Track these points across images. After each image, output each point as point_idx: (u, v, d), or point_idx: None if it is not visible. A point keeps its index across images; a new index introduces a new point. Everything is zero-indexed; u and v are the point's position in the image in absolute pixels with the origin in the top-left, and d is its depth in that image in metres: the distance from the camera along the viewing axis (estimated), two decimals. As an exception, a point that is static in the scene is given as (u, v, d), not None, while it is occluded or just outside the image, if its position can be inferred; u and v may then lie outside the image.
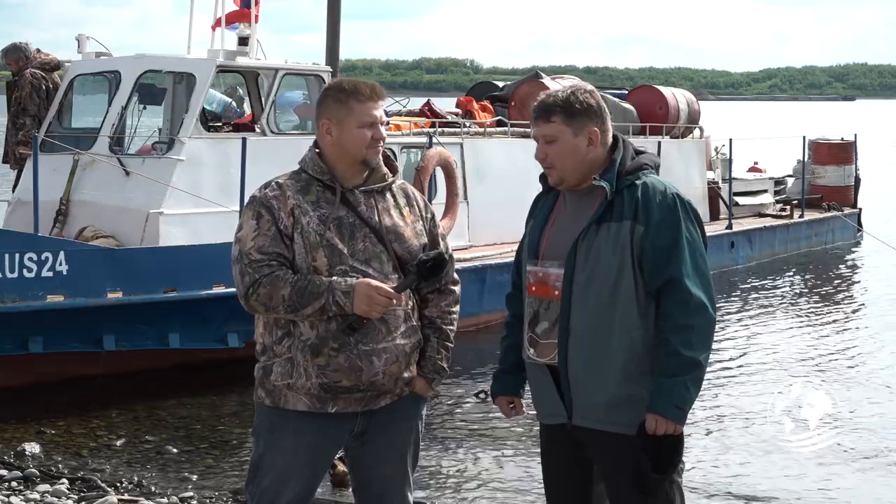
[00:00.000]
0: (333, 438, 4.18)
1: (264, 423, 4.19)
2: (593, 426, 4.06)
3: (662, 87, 19.59)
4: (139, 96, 12.18)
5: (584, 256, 4.02)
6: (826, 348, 12.86)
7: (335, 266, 4.04)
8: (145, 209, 11.16)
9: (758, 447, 8.89)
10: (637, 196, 4.03)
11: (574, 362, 4.03)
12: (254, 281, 4.01)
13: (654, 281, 3.99)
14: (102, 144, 11.87)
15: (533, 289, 4.12)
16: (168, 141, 11.88)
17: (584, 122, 4.09)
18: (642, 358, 4.01)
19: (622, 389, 4.00)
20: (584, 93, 4.12)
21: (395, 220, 4.19)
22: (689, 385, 3.94)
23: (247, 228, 4.08)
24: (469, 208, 13.93)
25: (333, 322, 4.02)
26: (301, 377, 4.05)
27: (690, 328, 3.95)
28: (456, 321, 4.34)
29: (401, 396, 4.19)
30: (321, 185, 4.14)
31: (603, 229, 4.02)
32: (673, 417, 3.94)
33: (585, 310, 4.01)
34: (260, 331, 4.18)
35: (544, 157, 4.11)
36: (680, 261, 3.98)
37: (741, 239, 18.63)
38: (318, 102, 4.24)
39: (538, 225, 4.20)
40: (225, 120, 12.70)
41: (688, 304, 3.96)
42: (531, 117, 4.19)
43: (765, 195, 21.04)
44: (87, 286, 9.92)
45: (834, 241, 21.46)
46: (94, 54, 12.75)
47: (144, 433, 9.06)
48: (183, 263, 10.41)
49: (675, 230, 4.00)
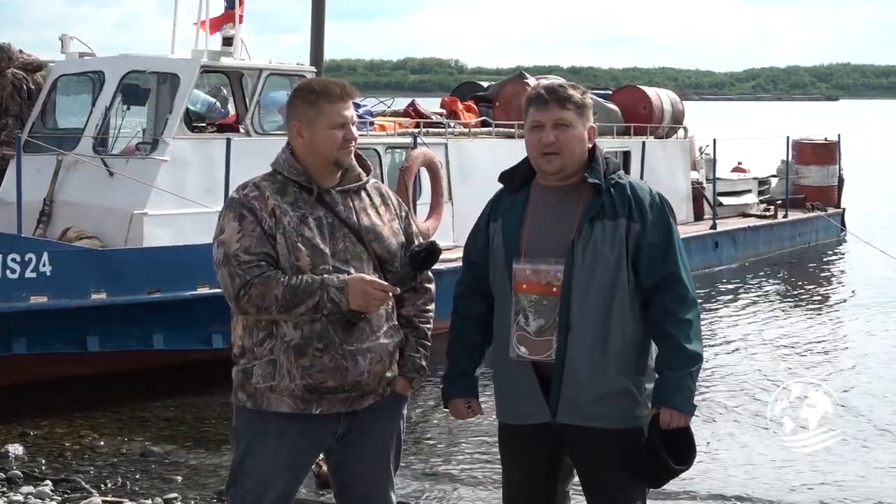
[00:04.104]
0: (316, 440, 4.15)
1: (245, 425, 4.15)
2: (580, 423, 4.07)
3: (646, 88, 19.60)
4: (123, 96, 12.15)
5: (583, 253, 4.05)
6: (810, 347, 12.88)
7: (318, 266, 4.02)
8: (129, 210, 11.12)
9: (743, 446, 8.90)
10: (628, 195, 4.10)
11: (573, 358, 4.04)
12: (245, 282, 3.97)
13: (650, 278, 4.07)
14: (86, 145, 11.83)
15: (524, 286, 4.11)
16: (152, 141, 11.85)
17: (589, 115, 4.18)
18: (632, 352, 4.09)
19: (615, 384, 4.06)
20: (584, 89, 4.22)
21: (373, 219, 4.18)
22: (694, 377, 4.07)
23: (229, 230, 4.03)
24: (454, 208, 13.93)
25: (318, 322, 4.00)
26: (284, 379, 4.02)
27: (689, 322, 4.06)
28: (432, 319, 4.33)
29: (383, 397, 4.18)
30: (297, 186, 4.11)
31: (598, 227, 4.06)
32: (686, 409, 4.04)
33: (586, 305, 4.04)
34: (239, 333, 4.13)
35: (554, 141, 4.10)
36: (675, 258, 4.09)
37: (725, 239, 18.65)
38: (288, 103, 4.21)
39: (514, 223, 4.18)
40: (209, 120, 12.68)
41: (685, 300, 4.08)
42: (535, 102, 4.16)
43: (749, 195, 21.07)
44: (71, 287, 9.88)
45: (818, 240, 21.50)
46: (78, 54, 12.72)
47: (129, 434, 9.03)
48: (167, 264, 10.38)
49: (667, 229, 4.11)
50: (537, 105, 4.15)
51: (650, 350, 4.16)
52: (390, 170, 13.38)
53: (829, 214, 21.71)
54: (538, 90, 4.19)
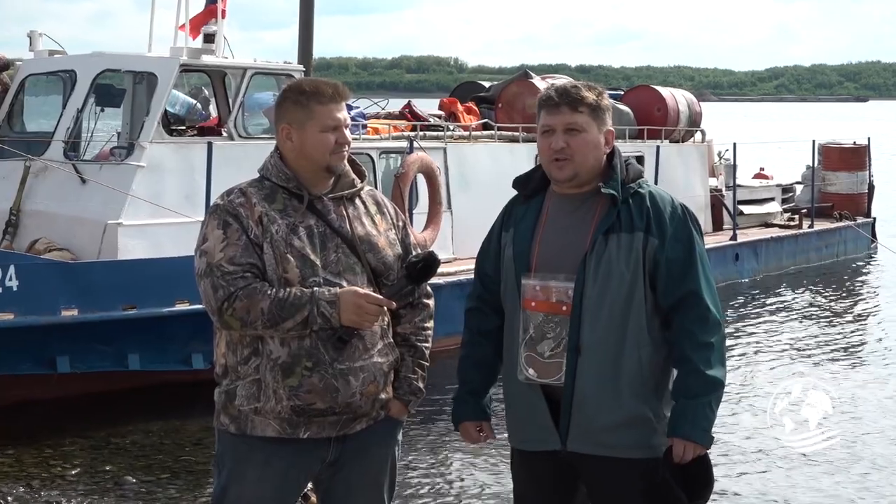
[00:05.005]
0: (304, 467, 4.15)
1: (228, 451, 4.15)
2: (592, 451, 4.07)
3: (661, 88, 19.66)
4: (96, 98, 12.18)
5: (595, 269, 4.04)
6: (837, 370, 12.87)
7: (307, 278, 4.03)
8: (102, 220, 11.14)
9: (766, 463, 8.91)
10: (646, 206, 4.08)
11: (583, 382, 4.04)
12: (228, 294, 3.97)
13: (669, 296, 4.05)
14: (56, 150, 11.86)
15: (532, 304, 4.11)
16: (127, 146, 11.87)
17: (606, 118, 4.16)
18: (648, 377, 4.06)
19: (629, 410, 4.04)
20: (600, 90, 4.19)
21: (368, 228, 4.19)
22: (714, 405, 4.03)
23: (213, 239, 4.04)
24: (453, 218, 13.96)
25: (307, 339, 4.01)
26: (270, 400, 4.03)
27: (711, 346, 4.03)
28: (431, 338, 4.33)
29: (376, 420, 4.19)
30: (287, 192, 4.12)
31: (612, 240, 4.05)
32: (701, 441, 4.01)
33: (597, 325, 4.03)
34: (222, 350, 4.13)
35: (565, 147, 4.09)
36: (697, 275, 4.06)
37: (746, 251, 18.69)
38: (277, 105, 4.22)
39: (525, 234, 4.18)
40: (189, 123, 12.71)
41: (707, 321, 4.04)
42: (545, 104, 4.15)
43: (771, 204, 21.12)
44: (39, 303, 9.89)
45: (846, 253, 21.53)
46: (48, 52, 12.76)
47: (101, 462, 9.04)
48: (143, 278, 10.39)
49: (689, 243, 4.09)
50: (547, 108, 4.14)
51: (670, 374, 4.15)
52: (384, 176, 13.41)
53: (858, 224, 21.75)
54: (549, 92, 4.18)
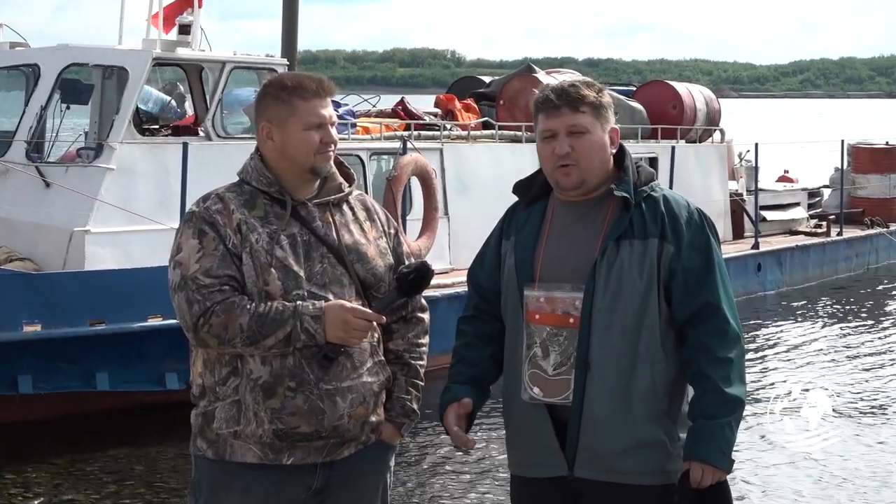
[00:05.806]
0: (288, 495, 4.14)
1: (206, 478, 4.14)
2: (601, 478, 4.06)
3: (676, 83, 19.71)
4: (62, 94, 12.19)
5: (605, 278, 4.03)
6: (868, 387, 12.89)
7: (290, 291, 4.02)
8: (68, 227, 11.14)
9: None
10: (661, 210, 4.08)
11: (593, 401, 4.03)
12: (205, 310, 3.96)
13: (685, 308, 4.05)
14: (18, 150, 11.86)
15: (536, 316, 4.10)
16: (95, 146, 11.87)
17: (609, 116, 4.15)
18: (662, 395, 4.06)
19: (642, 433, 4.04)
20: (599, 86, 4.19)
21: (356, 237, 4.18)
22: (734, 426, 4.02)
23: (188, 249, 4.04)
24: (450, 225, 13.97)
25: (291, 357, 4.00)
26: (250, 423, 4.02)
27: (730, 361, 4.03)
28: (426, 355, 4.32)
29: (366, 445, 4.18)
30: (268, 197, 4.12)
31: (625, 247, 4.04)
32: (721, 465, 4.00)
33: (608, 340, 4.03)
34: (199, 370, 4.12)
35: (569, 152, 4.08)
36: (715, 285, 4.07)
37: (770, 260, 18.71)
38: (257, 102, 4.21)
39: (527, 242, 4.17)
40: (163, 122, 12.71)
41: (726, 335, 4.05)
42: (543, 107, 4.14)
43: (797, 209, 21.15)
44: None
45: (878, 262, 21.58)
46: (9, 45, 12.77)
47: (67, 490, 9.04)
48: (113, 291, 10.39)
49: (707, 251, 4.09)
50: (546, 110, 4.13)
51: (686, 393, 4.15)
52: (375, 180, 13.42)
53: (891, 231, 21.78)
54: (545, 93, 4.16)
